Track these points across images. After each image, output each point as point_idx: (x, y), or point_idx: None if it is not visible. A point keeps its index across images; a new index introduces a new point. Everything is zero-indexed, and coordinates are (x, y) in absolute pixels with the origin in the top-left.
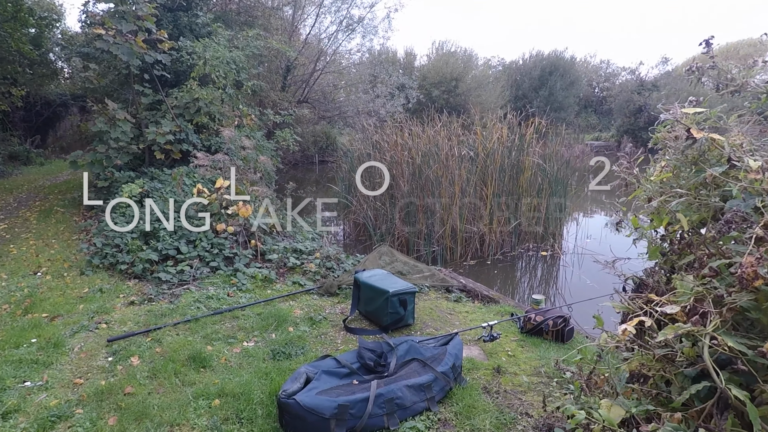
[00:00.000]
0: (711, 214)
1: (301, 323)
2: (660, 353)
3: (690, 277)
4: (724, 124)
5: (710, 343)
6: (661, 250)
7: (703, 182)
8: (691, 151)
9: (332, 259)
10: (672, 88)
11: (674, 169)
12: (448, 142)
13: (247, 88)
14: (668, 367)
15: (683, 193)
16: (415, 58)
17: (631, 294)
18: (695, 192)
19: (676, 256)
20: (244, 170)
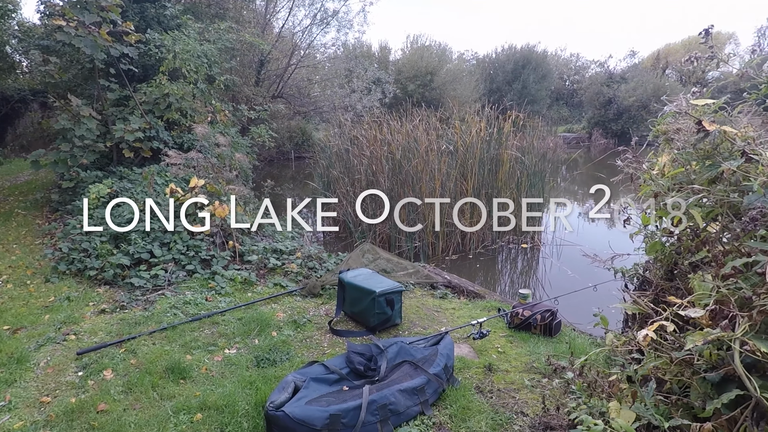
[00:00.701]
0: (725, 210)
1: (284, 327)
2: (678, 357)
3: (708, 276)
4: (729, 116)
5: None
6: (661, 246)
7: (716, 177)
8: (704, 144)
9: (314, 258)
10: (639, 80)
11: (686, 164)
12: (427, 137)
13: (219, 83)
14: (686, 371)
15: (700, 189)
16: (389, 52)
17: (636, 292)
18: (712, 188)
19: (689, 252)
20: (220, 168)
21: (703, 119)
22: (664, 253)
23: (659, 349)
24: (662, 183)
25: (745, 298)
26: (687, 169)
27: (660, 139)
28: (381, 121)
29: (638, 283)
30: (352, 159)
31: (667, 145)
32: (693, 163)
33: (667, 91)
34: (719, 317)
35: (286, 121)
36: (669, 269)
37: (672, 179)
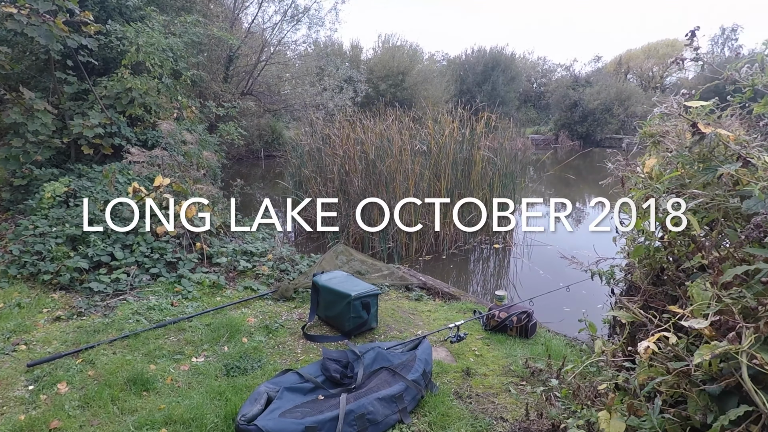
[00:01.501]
0: (722, 215)
1: (256, 333)
2: (677, 368)
3: (707, 284)
4: (718, 120)
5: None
6: (647, 250)
7: (711, 181)
8: (700, 147)
9: (286, 260)
10: (603, 84)
11: (681, 167)
12: (401, 136)
13: (186, 78)
14: (683, 382)
15: (700, 193)
16: (361, 51)
17: (624, 298)
18: (709, 191)
19: (683, 258)
20: (186, 167)
21: (698, 121)
22: (651, 258)
23: (654, 359)
24: (658, 187)
25: (749, 308)
26: (682, 173)
27: (646, 142)
28: (354, 120)
29: (625, 288)
30: (325, 158)
31: (654, 148)
32: (687, 166)
33: (630, 95)
34: (723, 328)
35: (256, 118)
36: (656, 274)
37: (668, 183)
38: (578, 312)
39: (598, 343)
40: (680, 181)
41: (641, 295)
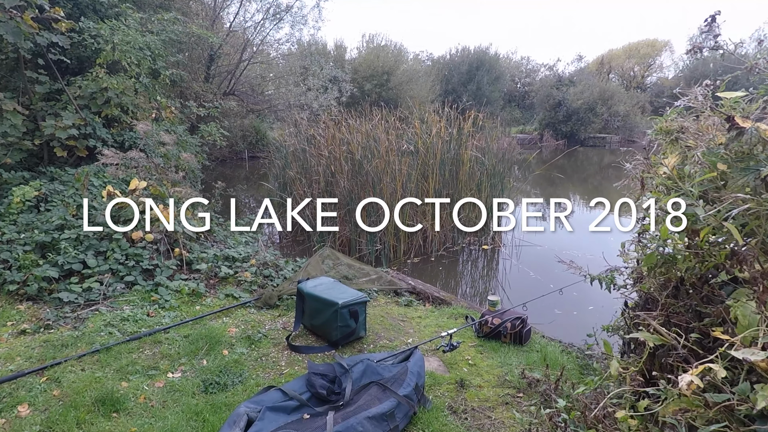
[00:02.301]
0: (763, 223)
1: (237, 344)
2: (719, 401)
3: (752, 304)
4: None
5: None
6: (661, 258)
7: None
8: (738, 144)
9: (270, 265)
10: (586, 83)
11: (714, 167)
12: (387, 136)
13: (165, 78)
14: (722, 417)
15: (747, 198)
16: (345, 50)
17: (643, 313)
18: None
19: (717, 269)
20: (164, 169)
21: (735, 115)
22: (668, 267)
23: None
24: (692, 190)
25: None
26: (717, 174)
27: (661, 139)
28: (339, 120)
29: (641, 301)
30: (310, 159)
31: (672, 146)
32: (721, 165)
33: (612, 94)
34: None
35: (239, 119)
36: (674, 286)
37: (699, 185)
38: (569, 314)
39: (614, 365)
40: (713, 183)
41: (660, 309)
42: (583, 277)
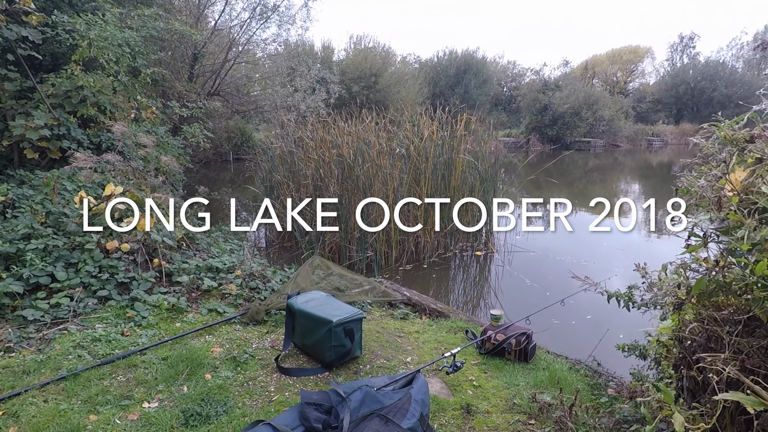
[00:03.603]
0: None
1: (221, 367)
2: None
3: None
4: None
5: None
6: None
7: None
8: None
9: (257, 276)
10: (572, 88)
11: None
12: (378, 139)
13: (145, 76)
14: None
15: None
16: (333, 52)
17: (708, 355)
18: None
19: None
20: (143, 173)
21: None
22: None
23: None
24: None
25: None
26: None
27: (717, 150)
28: (328, 122)
29: (702, 339)
30: (298, 162)
31: (737, 157)
32: None
33: (597, 99)
34: None
35: (224, 120)
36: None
37: None
38: (567, 324)
39: (679, 420)
40: None
41: (730, 350)
42: (601, 294)
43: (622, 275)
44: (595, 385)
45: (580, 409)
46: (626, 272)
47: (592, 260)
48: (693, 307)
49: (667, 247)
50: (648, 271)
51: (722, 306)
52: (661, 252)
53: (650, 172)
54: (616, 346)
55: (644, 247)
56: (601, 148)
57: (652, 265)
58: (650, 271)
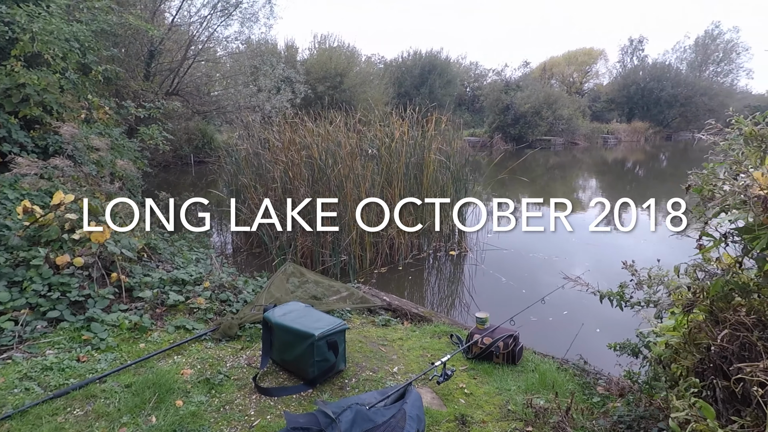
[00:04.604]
0: None
1: (194, 390)
2: None
3: None
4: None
5: None
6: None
7: None
8: None
9: (227, 287)
10: (533, 88)
11: None
12: (348, 140)
13: (97, 74)
14: None
15: None
16: (296, 51)
17: (746, 365)
18: None
19: None
20: (97, 179)
21: None
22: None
23: None
24: None
25: None
26: None
27: (739, 147)
28: (296, 122)
29: (737, 349)
30: (265, 164)
31: (755, 154)
32: None
33: (556, 99)
34: None
35: (184, 121)
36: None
37: None
38: (545, 321)
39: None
40: None
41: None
42: (594, 294)
43: (596, 270)
44: (585, 384)
45: (577, 411)
46: (598, 266)
47: (563, 256)
48: (704, 309)
49: (625, 241)
50: (636, 269)
51: (737, 308)
52: (624, 245)
53: (606, 168)
54: (608, 345)
55: (608, 241)
56: (560, 145)
57: (618, 257)
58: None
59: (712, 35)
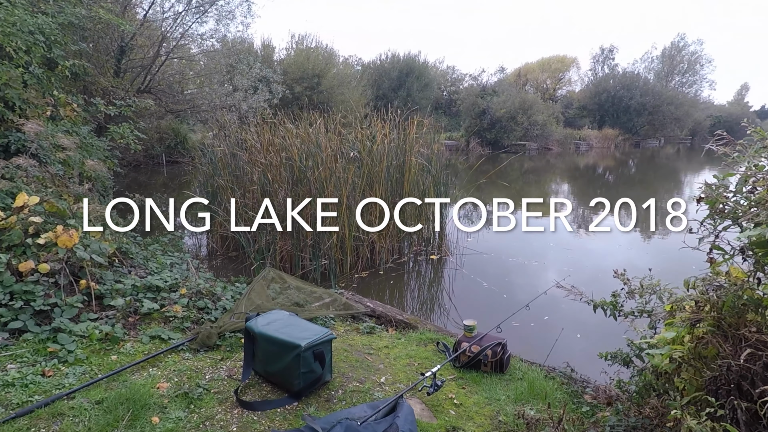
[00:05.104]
0: None
1: (171, 406)
2: None
3: None
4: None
5: None
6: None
7: None
8: None
9: (204, 294)
10: (508, 94)
11: None
12: (329, 142)
13: (64, 69)
14: None
15: None
16: (273, 50)
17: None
18: None
19: None
20: (64, 180)
21: None
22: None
23: None
24: None
25: None
26: None
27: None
28: (275, 123)
29: (760, 369)
30: (243, 166)
31: None
32: None
33: (531, 104)
34: None
35: (156, 120)
36: None
37: None
38: (527, 326)
39: None
40: None
41: None
42: (588, 303)
43: (575, 274)
44: (573, 393)
45: (567, 422)
46: (577, 272)
47: (542, 260)
48: (711, 323)
49: (598, 245)
50: (628, 278)
51: (747, 323)
52: (600, 249)
53: (578, 173)
54: (599, 354)
55: (583, 245)
56: (534, 150)
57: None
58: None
59: (678, 46)
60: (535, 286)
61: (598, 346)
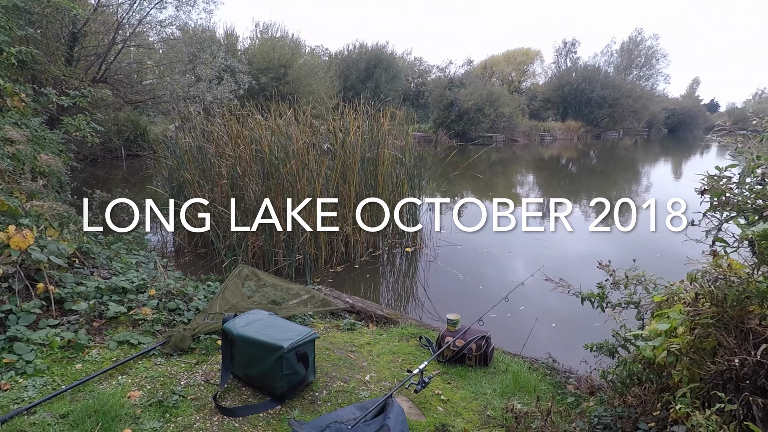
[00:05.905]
0: None
1: (144, 416)
2: None
3: None
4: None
5: None
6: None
7: None
8: None
9: (175, 295)
10: (475, 86)
11: None
12: (302, 134)
13: (9, 56)
14: None
15: None
16: (237, 39)
17: None
18: None
19: None
20: (15, 175)
21: None
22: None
23: None
24: None
25: None
26: None
27: None
28: (243, 115)
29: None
30: (210, 159)
31: None
32: None
33: (498, 96)
34: None
35: (113, 111)
36: None
37: None
38: (503, 317)
39: None
40: None
41: None
42: (575, 295)
43: (547, 265)
44: (557, 383)
45: (555, 413)
46: (547, 261)
47: (515, 251)
48: (711, 316)
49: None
50: (614, 269)
51: (749, 315)
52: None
53: (543, 165)
54: (584, 345)
55: (554, 238)
56: (501, 142)
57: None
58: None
59: (635, 41)
60: (508, 276)
61: (572, 335)
